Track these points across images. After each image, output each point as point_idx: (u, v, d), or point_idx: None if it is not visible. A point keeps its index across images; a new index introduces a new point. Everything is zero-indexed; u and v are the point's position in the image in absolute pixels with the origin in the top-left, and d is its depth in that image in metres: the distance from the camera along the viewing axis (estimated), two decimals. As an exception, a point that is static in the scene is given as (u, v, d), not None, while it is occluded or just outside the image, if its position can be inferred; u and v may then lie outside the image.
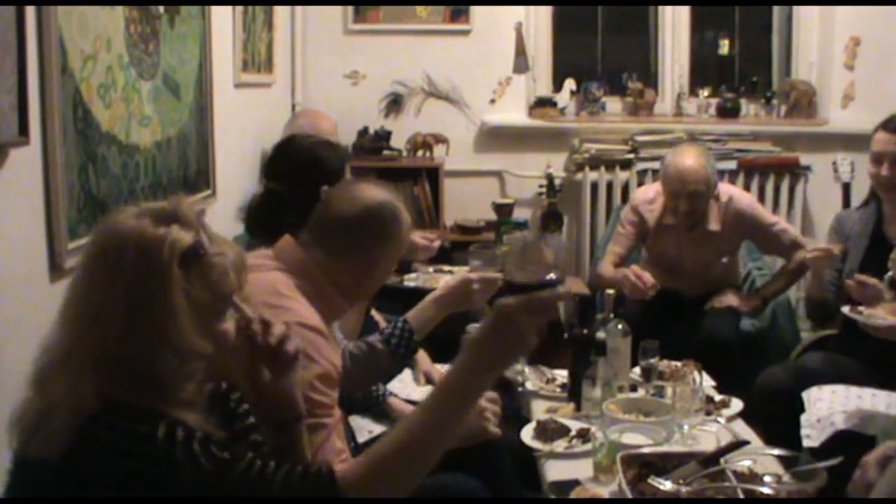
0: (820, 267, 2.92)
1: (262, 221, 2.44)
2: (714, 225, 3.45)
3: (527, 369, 2.66)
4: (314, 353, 1.75)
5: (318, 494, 1.24)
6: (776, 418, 2.60)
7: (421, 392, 2.58)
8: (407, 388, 2.62)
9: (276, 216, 2.42)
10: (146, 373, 1.23)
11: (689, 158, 3.32)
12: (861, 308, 2.52)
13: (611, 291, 2.75)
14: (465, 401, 1.30)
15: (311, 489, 1.24)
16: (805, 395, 2.55)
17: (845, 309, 2.55)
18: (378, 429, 2.36)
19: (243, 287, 1.35)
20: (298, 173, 2.48)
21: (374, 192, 1.95)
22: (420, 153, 4.48)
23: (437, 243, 3.16)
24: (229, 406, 1.44)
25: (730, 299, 3.45)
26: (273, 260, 1.93)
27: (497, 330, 1.26)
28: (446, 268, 3.60)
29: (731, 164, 4.51)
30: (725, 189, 3.58)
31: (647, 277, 3.26)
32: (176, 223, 1.27)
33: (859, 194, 4.43)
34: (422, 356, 2.64)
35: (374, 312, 2.66)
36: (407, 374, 2.71)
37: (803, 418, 2.48)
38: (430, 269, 3.53)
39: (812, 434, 2.42)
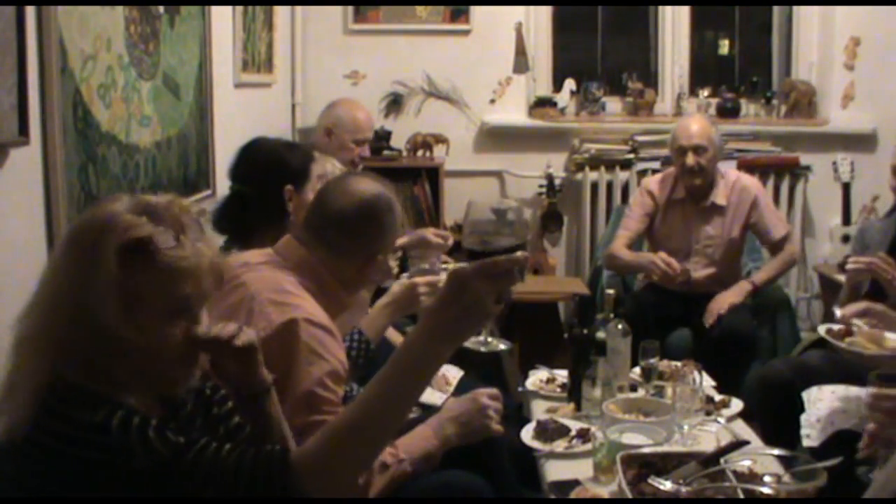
0: (858, 278, 2.90)
1: (229, 222, 2.47)
2: (721, 199, 3.63)
3: (490, 338, 2.48)
4: (322, 350, 1.77)
5: (271, 474, 1.24)
6: (773, 412, 2.60)
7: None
8: (426, 394, 2.61)
9: (241, 217, 2.44)
10: (85, 354, 1.25)
11: (694, 120, 3.65)
12: (835, 328, 2.48)
13: (611, 291, 2.75)
14: (422, 372, 1.25)
15: (263, 469, 1.24)
16: (805, 394, 2.55)
17: (822, 329, 2.49)
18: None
19: (205, 297, 1.33)
20: (262, 174, 2.50)
21: (368, 186, 1.98)
22: (420, 153, 4.48)
23: (450, 241, 3.22)
24: (205, 394, 1.45)
25: (724, 300, 3.45)
26: (276, 258, 1.94)
27: (452, 297, 1.21)
28: (443, 266, 3.60)
29: (731, 165, 4.50)
30: (734, 172, 3.82)
31: (676, 263, 3.46)
32: (148, 215, 1.28)
33: (859, 194, 4.46)
34: None
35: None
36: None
37: (803, 418, 2.48)
38: (426, 266, 3.52)
39: (812, 434, 2.42)
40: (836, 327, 2.46)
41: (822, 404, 2.48)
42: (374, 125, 3.80)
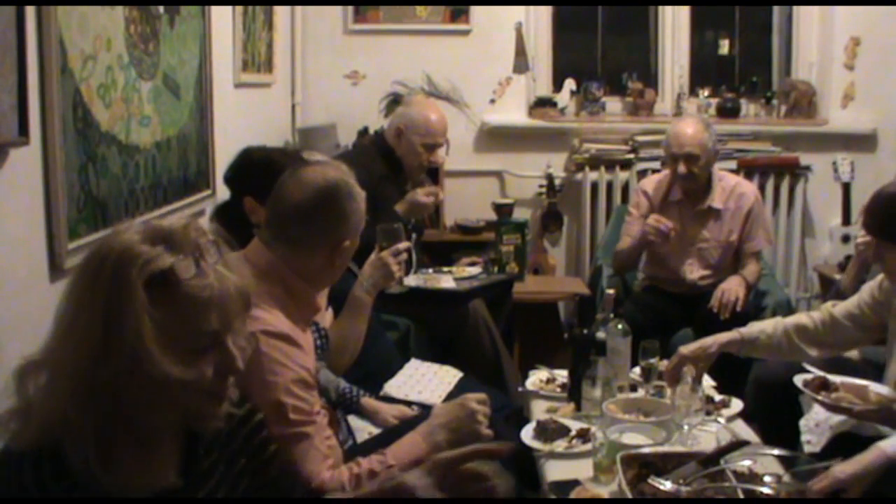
0: (867, 255, 2.88)
1: (227, 231, 2.45)
2: (717, 203, 3.61)
3: None
4: (284, 359, 1.75)
5: None
6: (770, 412, 2.60)
7: (419, 395, 2.59)
8: (404, 389, 2.62)
9: (237, 225, 2.41)
10: (116, 402, 1.17)
11: (688, 125, 3.55)
12: (808, 377, 2.39)
13: (611, 291, 2.75)
14: None
15: None
16: (802, 399, 2.54)
17: (798, 380, 2.37)
18: (377, 429, 2.35)
19: (232, 327, 1.25)
20: (233, 184, 2.48)
21: (323, 173, 1.92)
22: (420, 153, 4.48)
23: (441, 196, 3.18)
24: (234, 424, 1.40)
25: (732, 293, 3.43)
26: (246, 264, 1.90)
27: None
28: (445, 268, 3.60)
29: (731, 164, 4.51)
30: (733, 177, 3.78)
31: (666, 220, 3.47)
32: (164, 244, 1.20)
33: (859, 194, 4.45)
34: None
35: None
36: (406, 374, 2.71)
37: (802, 423, 2.48)
38: (430, 269, 3.53)
39: (812, 439, 2.42)
40: (809, 377, 2.40)
41: (818, 407, 2.48)
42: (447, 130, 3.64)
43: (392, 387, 2.60)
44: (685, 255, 3.63)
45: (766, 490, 1.87)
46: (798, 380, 2.33)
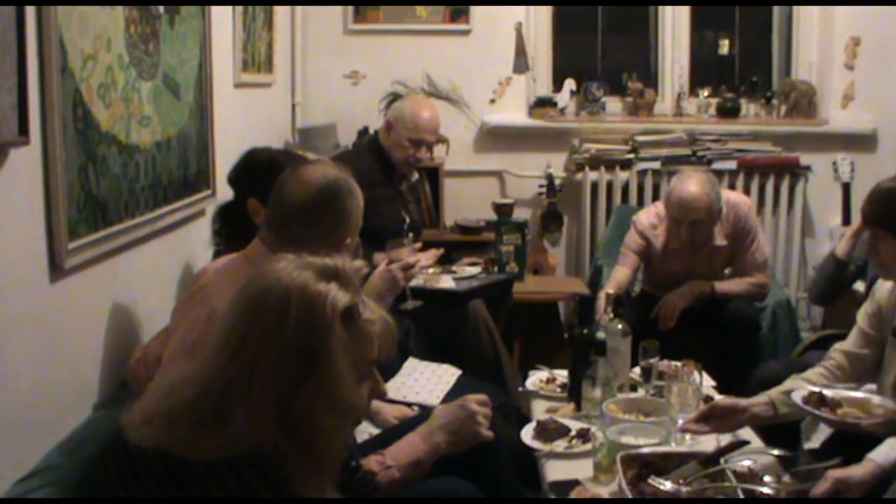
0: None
1: (230, 231, 2.44)
2: (720, 240, 3.47)
3: None
4: None
5: None
6: None
7: (417, 395, 2.58)
8: (402, 390, 2.61)
9: (239, 225, 2.41)
10: (307, 431, 1.24)
11: (692, 186, 3.31)
12: (805, 393, 2.26)
13: (611, 291, 2.75)
14: None
15: None
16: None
17: (797, 397, 2.25)
18: (377, 430, 2.35)
19: (384, 358, 1.36)
20: (236, 185, 2.48)
21: (323, 172, 1.93)
22: (420, 153, 4.47)
23: (429, 258, 3.19)
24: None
25: (676, 307, 3.38)
26: (247, 263, 1.90)
27: None
28: (445, 268, 3.60)
29: (731, 164, 4.52)
30: (725, 196, 3.51)
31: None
32: (336, 281, 1.29)
33: (859, 194, 4.45)
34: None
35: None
36: (404, 375, 2.71)
37: (803, 424, 2.48)
38: (430, 269, 3.53)
39: (812, 437, 2.42)
40: (806, 393, 2.36)
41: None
42: (439, 129, 3.64)
43: (388, 389, 2.59)
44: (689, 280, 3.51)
45: (766, 490, 1.87)
46: (797, 397, 2.27)
